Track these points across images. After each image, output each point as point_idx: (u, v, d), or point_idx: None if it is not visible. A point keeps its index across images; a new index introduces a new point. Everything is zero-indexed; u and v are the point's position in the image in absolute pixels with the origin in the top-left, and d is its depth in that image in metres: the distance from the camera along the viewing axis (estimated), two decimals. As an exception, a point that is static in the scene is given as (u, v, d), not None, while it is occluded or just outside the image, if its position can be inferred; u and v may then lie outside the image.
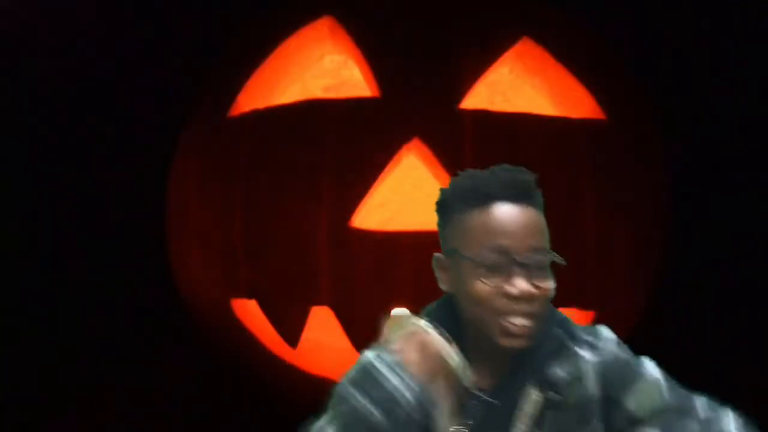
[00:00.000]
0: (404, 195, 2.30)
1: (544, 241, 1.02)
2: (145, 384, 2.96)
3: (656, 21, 3.36)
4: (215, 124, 2.48)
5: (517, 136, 2.25)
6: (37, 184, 3.55)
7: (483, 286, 0.98)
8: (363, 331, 2.23)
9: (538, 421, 1.02)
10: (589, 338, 1.07)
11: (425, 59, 2.29)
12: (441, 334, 1.02)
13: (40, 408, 2.79)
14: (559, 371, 1.03)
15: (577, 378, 1.03)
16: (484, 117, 2.25)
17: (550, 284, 1.00)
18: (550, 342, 1.05)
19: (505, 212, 1.00)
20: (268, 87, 2.45)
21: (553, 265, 1.05)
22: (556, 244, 2.34)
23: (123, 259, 3.49)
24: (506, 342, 0.98)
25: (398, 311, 1.13)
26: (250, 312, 2.40)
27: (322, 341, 2.36)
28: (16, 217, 3.52)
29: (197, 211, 2.49)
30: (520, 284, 0.97)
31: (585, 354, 1.05)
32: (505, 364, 1.04)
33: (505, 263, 0.97)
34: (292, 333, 2.31)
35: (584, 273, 2.30)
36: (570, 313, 2.38)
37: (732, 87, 3.41)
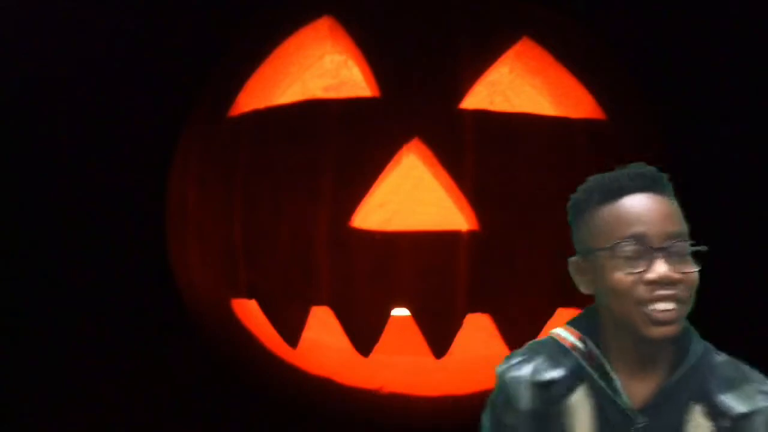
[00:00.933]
0: (404, 195, 2.30)
1: (682, 227, 0.98)
2: (144, 384, 2.96)
3: (656, 21, 3.36)
4: (215, 124, 2.48)
5: (517, 136, 2.24)
6: (37, 184, 3.56)
7: (623, 276, 0.96)
8: (364, 331, 2.24)
9: None
10: (763, 382, 1.01)
11: (425, 59, 2.29)
12: (591, 349, 1.02)
13: (40, 408, 2.78)
14: (735, 403, 0.97)
15: (754, 415, 0.96)
16: (484, 117, 2.24)
17: (693, 270, 0.96)
18: (723, 369, 1.00)
19: (638, 201, 0.99)
20: (268, 87, 2.45)
21: (501, 261, 1.03)
22: (556, 244, 2.34)
23: (123, 259, 3.49)
24: (654, 332, 0.95)
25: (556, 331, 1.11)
26: (250, 312, 2.40)
27: (322, 341, 2.36)
28: (15, 217, 3.52)
29: (197, 211, 2.49)
30: (660, 268, 0.94)
31: (763, 397, 0.98)
32: (658, 381, 1.00)
33: (643, 252, 0.96)
34: (292, 333, 2.31)
35: (584, 273, 2.29)
36: (570, 313, 2.39)
37: (732, 87, 3.41)
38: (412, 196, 2.29)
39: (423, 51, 2.30)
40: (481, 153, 2.20)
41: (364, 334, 2.24)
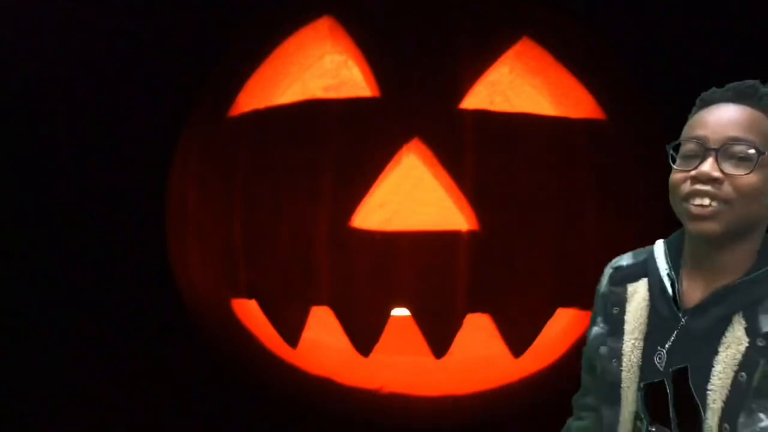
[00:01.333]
0: (404, 195, 2.30)
1: (752, 134, 0.98)
2: (144, 384, 2.96)
3: (656, 21, 3.35)
4: (215, 124, 2.48)
5: (517, 136, 2.24)
6: (37, 184, 3.55)
7: (676, 174, 1.02)
8: (364, 331, 2.24)
9: (744, 366, 0.95)
10: None
11: (425, 59, 2.29)
12: (664, 249, 1.11)
13: (40, 408, 2.79)
14: None
15: None
16: (484, 117, 2.24)
17: (743, 173, 0.96)
18: None
19: (713, 110, 1.01)
20: (268, 87, 2.45)
21: (501, 261, 1.06)
22: (556, 244, 2.35)
23: (123, 259, 3.49)
24: (692, 227, 0.99)
25: None
26: (250, 312, 2.41)
27: (322, 341, 2.36)
28: (15, 217, 3.52)
29: (197, 211, 2.49)
30: (704, 167, 0.97)
31: None
32: (716, 286, 1.01)
33: (700, 152, 0.99)
34: (292, 333, 2.31)
35: (584, 273, 2.29)
36: (570, 313, 2.39)
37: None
38: (412, 196, 2.29)
39: (423, 51, 2.30)
40: (481, 153, 2.20)
41: (364, 334, 2.24)
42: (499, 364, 2.35)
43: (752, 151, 0.97)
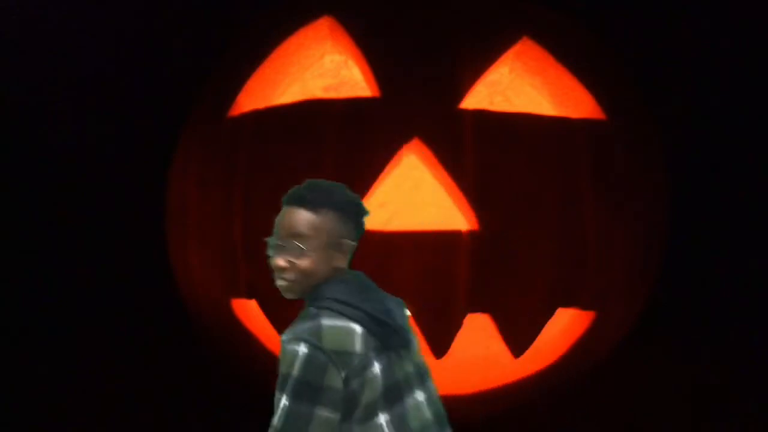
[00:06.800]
0: (404, 195, 2.30)
1: (299, 231, 1.33)
2: (145, 383, 2.96)
3: (656, 21, 3.36)
4: (215, 124, 2.48)
5: (517, 136, 2.24)
6: (37, 185, 3.56)
7: (269, 258, 1.36)
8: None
9: None
10: (299, 328, 1.29)
11: (425, 59, 2.29)
12: None
13: (40, 407, 2.79)
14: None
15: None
16: (484, 117, 2.24)
17: (303, 262, 1.33)
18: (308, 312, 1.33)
19: (283, 211, 1.38)
20: (268, 87, 2.45)
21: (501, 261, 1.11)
22: (556, 244, 2.34)
23: (123, 259, 3.50)
24: (282, 294, 1.36)
25: None
26: (250, 312, 2.40)
27: (322, 341, 2.35)
28: (15, 217, 3.52)
29: (197, 211, 2.49)
30: (275, 260, 1.34)
31: (287, 333, 1.29)
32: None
33: (273, 245, 1.36)
34: (292, 333, 2.30)
35: (584, 273, 2.29)
36: (570, 313, 2.39)
37: (731, 87, 3.41)
38: (412, 196, 2.29)
39: (423, 51, 2.30)
40: (481, 153, 2.20)
41: (364, 334, 2.23)
42: (499, 364, 2.35)
43: (304, 245, 1.32)
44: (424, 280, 2.18)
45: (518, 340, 2.26)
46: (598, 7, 3.11)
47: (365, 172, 2.19)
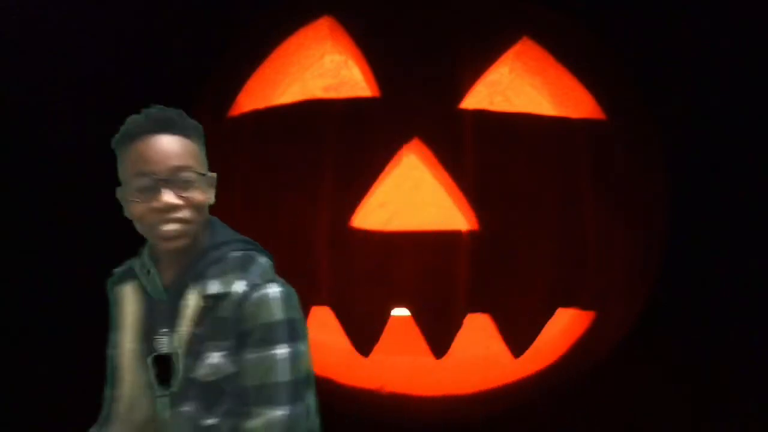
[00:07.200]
0: (404, 195, 2.30)
1: (189, 160, 1.21)
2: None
3: (656, 20, 3.36)
4: (215, 124, 2.48)
5: (517, 136, 2.24)
6: (37, 185, 3.56)
7: (137, 205, 1.20)
8: (364, 331, 2.24)
9: (198, 321, 1.23)
10: (252, 274, 1.24)
11: (425, 59, 2.29)
12: (142, 255, 1.33)
13: (40, 407, 2.79)
14: (216, 286, 1.23)
15: (228, 296, 1.22)
16: (484, 117, 2.24)
17: (196, 195, 1.21)
18: (225, 261, 1.25)
19: (149, 143, 1.19)
20: (268, 87, 2.45)
21: (501, 261, 1.15)
22: (557, 244, 2.34)
23: (123, 259, 3.49)
24: (167, 245, 1.23)
25: None
26: (249, 312, 2.40)
27: (322, 341, 2.35)
28: (15, 217, 3.52)
29: (197, 211, 2.48)
30: (165, 198, 1.17)
31: (240, 282, 1.22)
32: (183, 267, 1.27)
33: (151, 184, 1.18)
34: (292, 333, 2.31)
35: (584, 273, 2.30)
36: (570, 313, 2.39)
37: (731, 87, 3.41)
38: (412, 196, 2.29)
39: (423, 51, 2.30)
40: (481, 153, 2.20)
41: (364, 334, 2.24)
42: (499, 364, 2.35)
43: (193, 175, 1.21)
44: (424, 280, 2.18)
45: (518, 340, 2.26)
46: (598, 7, 3.11)
47: (365, 172, 2.19)
